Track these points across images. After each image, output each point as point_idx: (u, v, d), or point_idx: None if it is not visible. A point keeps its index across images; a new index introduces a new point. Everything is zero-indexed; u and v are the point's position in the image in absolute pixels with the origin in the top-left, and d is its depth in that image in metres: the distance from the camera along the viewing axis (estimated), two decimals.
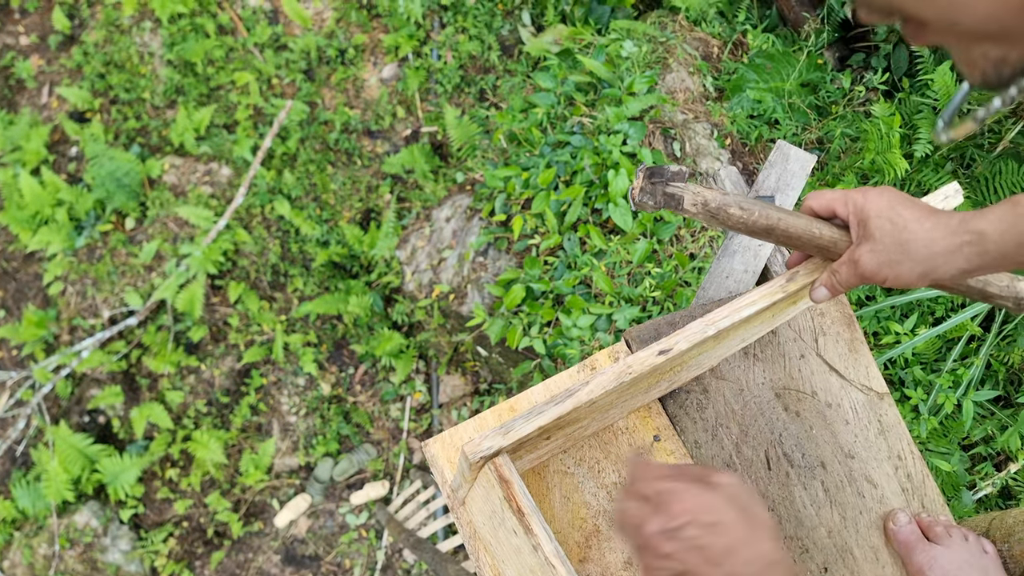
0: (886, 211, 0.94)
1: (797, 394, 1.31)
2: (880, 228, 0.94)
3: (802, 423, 1.30)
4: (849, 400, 1.32)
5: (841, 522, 1.26)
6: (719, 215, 1.05)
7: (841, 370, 1.32)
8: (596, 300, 2.90)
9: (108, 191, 3.93)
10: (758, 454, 1.28)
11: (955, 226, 0.89)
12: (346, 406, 4.02)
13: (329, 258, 4.00)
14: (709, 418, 1.29)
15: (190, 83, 4.22)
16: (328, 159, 4.20)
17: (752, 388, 1.30)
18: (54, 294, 4.00)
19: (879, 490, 1.28)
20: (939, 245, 0.90)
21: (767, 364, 1.32)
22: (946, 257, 0.90)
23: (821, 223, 1.04)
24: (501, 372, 3.53)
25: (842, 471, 1.28)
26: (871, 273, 0.95)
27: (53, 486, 3.64)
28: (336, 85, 4.29)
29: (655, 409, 1.30)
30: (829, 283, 1.03)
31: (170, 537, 3.84)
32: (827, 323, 1.35)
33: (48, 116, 4.31)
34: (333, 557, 3.84)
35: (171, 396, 3.87)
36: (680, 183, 1.05)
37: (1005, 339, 2.62)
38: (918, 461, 1.30)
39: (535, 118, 3.26)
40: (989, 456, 2.60)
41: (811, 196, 1.05)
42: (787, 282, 1.09)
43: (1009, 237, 0.87)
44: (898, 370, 2.64)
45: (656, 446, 1.28)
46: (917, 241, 0.91)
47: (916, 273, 0.92)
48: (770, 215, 1.04)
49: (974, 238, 0.88)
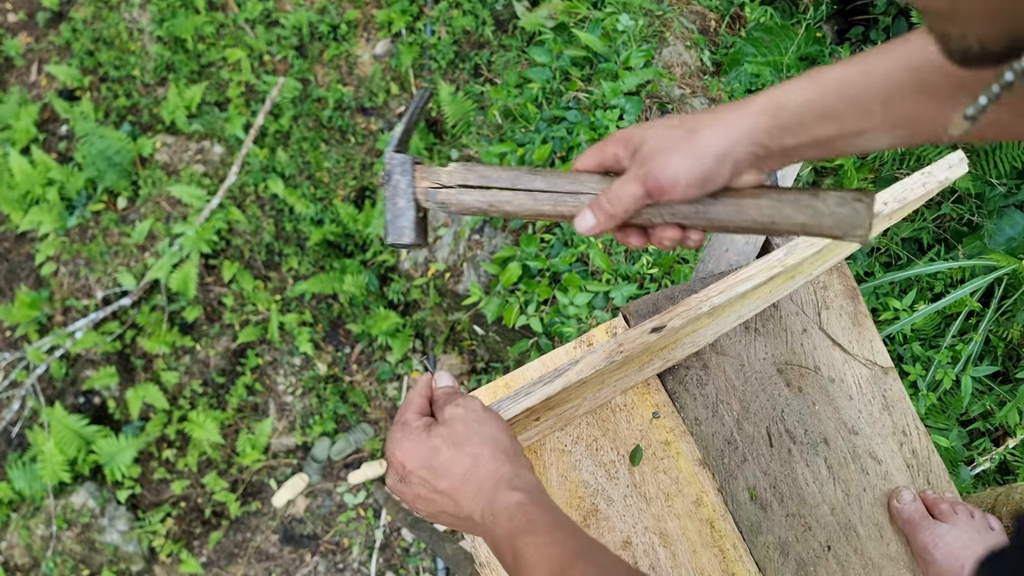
0: (668, 119, 0.86)
1: (799, 369, 1.28)
2: (665, 134, 0.84)
3: (805, 399, 1.28)
4: (853, 375, 1.29)
5: (844, 499, 1.24)
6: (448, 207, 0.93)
7: (845, 344, 1.30)
8: (593, 278, 2.88)
9: (99, 170, 3.89)
10: (760, 430, 1.26)
11: (749, 101, 0.82)
12: (343, 386, 4.00)
13: (324, 237, 3.96)
14: (709, 394, 1.27)
15: (181, 60, 4.16)
16: (322, 137, 4.16)
17: (753, 363, 1.28)
18: (47, 275, 3.96)
19: (883, 466, 1.26)
20: (734, 118, 0.81)
21: (769, 339, 1.29)
22: (742, 131, 0.80)
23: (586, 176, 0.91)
24: (498, 351, 3.50)
25: (845, 447, 1.26)
26: (658, 172, 0.82)
27: (49, 467, 3.62)
28: (329, 62, 4.24)
29: (654, 385, 1.28)
30: (598, 202, 0.88)
31: (168, 517, 3.83)
32: (830, 296, 1.33)
33: (37, 94, 4.26)
34: (331, 536, 3.84)
35: (166, 377, 3.85)
36: (400, 170, 0.94)
37: (1004, 314, 2.61)
38: (923, 437, 1.29)
39: (530, 93, 3.21)
40: (987, 431, 2.59)
41: (580, 157, 0.93)
42: (785, 256, 1.06)
43: (807, 109, 0.79)
44: (896, 346, 2.62)
45: (655, 423, 1.26)
46: (706, 123, 0.82)
47: (711, 154, 0.81)
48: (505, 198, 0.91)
49: (772, 107, 0.80)
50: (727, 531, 1.22)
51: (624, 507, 1.21)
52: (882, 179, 2.94)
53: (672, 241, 0.89)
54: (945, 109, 0.74)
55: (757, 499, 1.23)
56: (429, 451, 0.86)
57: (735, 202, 0.85)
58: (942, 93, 0.74)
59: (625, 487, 1.22)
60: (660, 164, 0.82)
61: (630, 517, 1.20)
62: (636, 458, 1.24)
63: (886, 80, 0.76)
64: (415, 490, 0.87)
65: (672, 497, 1.23)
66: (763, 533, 1.22)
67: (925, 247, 2.86)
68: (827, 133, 0.79)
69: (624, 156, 0.87)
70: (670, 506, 1.22)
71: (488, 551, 1.17)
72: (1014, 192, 2.75)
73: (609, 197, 0.86)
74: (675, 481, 1.23)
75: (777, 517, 1.23)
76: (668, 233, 0.88)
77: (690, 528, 1.21)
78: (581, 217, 0.89)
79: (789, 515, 1.23)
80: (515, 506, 0.79)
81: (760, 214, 0.85)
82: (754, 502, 1.23)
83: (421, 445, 0.87)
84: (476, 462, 0.85)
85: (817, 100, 0.79)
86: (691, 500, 1.23)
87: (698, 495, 1.23)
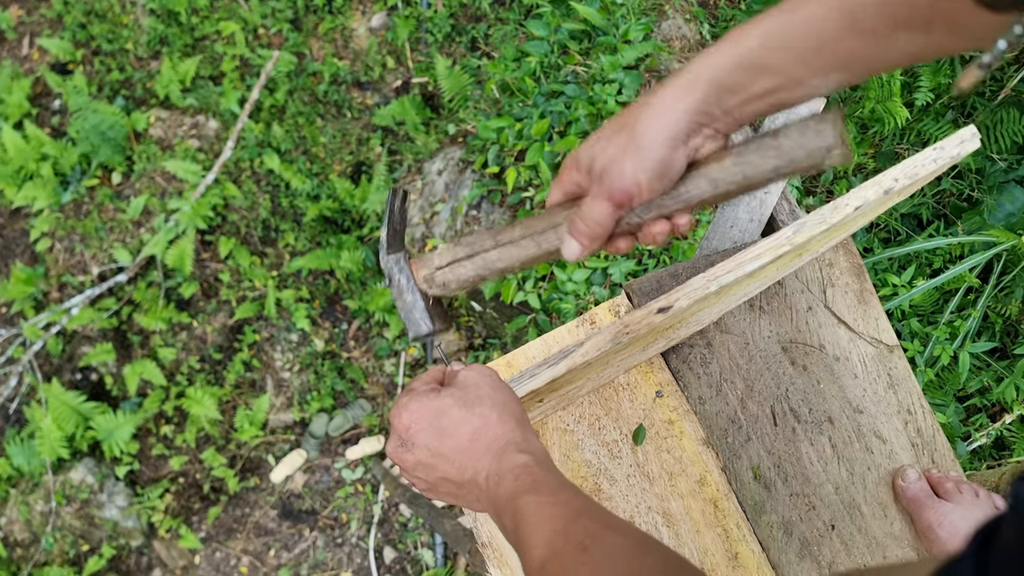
0: (605, 127, 0.86)
1: (804, 347, 1.28)
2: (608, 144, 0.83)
3: (809, 377, 1.27)
4: (858, 353, 1.29)
5: (849, 478, 1.24)
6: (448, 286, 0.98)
7: (850, 322, 1.29)
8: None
9: (93, 145, 3.85)
10: (764, 409, 1.25)
11: (677, 75, 0.81)
12: (340, 362, 3.99)
13: (320, 212, 3.94)
14: (713, 373, 1.26)
15: (174, 33, 4.11)
16: (317, 111, 4.12)
17: (758, 342, 1.27)
18: (42, 251, 3.94)
19: (888, 445, 1.26)
20: (665, 99, 0.80)
21: (773, 317, 1.28)
22: (677, 108, 0.80)
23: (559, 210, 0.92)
24: (495, 327, 3.50)
25: (850, 426, 1.26)
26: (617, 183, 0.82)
27: (47, 443, 3.62)
28: (324, 35, 4.19)
29: (657, 364, 1.27)
30: (575, 227, 0.87)
31: (166, 493, 3.84)
32: (835, 274, 1.32)
33: (30, 68, 4.20)
34: (330, 511, 3.85)
35: (163, 353, 3.84)
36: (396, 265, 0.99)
37: (1003, 290, 2.61)
38: (928, 415, 1.28)
39: (528, 67, 3.18)
40: (984, 407, 2.60)
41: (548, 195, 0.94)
42: (794, 234, 1.05)
43: (740, 68, 0.78)
44: (895, 322, 2.62)
45: (658, 402, 1.25)
46: (640, 117, 0.81)
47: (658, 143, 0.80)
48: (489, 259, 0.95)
49: (704, 75, 0.79)
50: (731, 510, 1.22)
51: (627, 487, 1.21)
52: (882, 154, 2.92)
53: (663, 235, 0.88)
54: (881, 47, 0.73)
55: (761, 478, 1.23)
56: (436, 412, 0.85)
57: (702, 174, 0.85)
58: (879, 32, 0.72)
59: (628, 467, 1.22)
60: (616, 175, 0.82)
61: (633, 497, 1.20)
62: (639, 437, 1.23)
63: (817, 25, 0.74)
64: (417, 455, 0.85)
65: (675, 476, 1.22)
66: (767, 512, 1.22)
67: (924, 223, 2.85)
68: (765, 86, 0.78)
69: (582, 180, 0.87)
70: (673, 485, 1.22)
71: (490, 531, 1.16)
72: (1014, 167, 2.74)
73: (585, 220, 0.86)
74: (678, 460, 1.23)
75: (781, 496, 1.23)
76: (656, 228, 0.87)
77: (693, 508, 1.21)
78: (566, 246, 0.89)
79: (793, 494, 1.23)
80: (521, 467, 0.79)
81: (731, 175, 0.84)
82: (758, 481, 1.23)
83: (428, 406, 0.86)
84: (486, 423, 0.84)
85: (746, 56, 0.77)
86: (694, 479, 1.23)
87: (701, 474, 1.23)
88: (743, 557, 1.20)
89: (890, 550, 1.22)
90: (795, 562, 1.20)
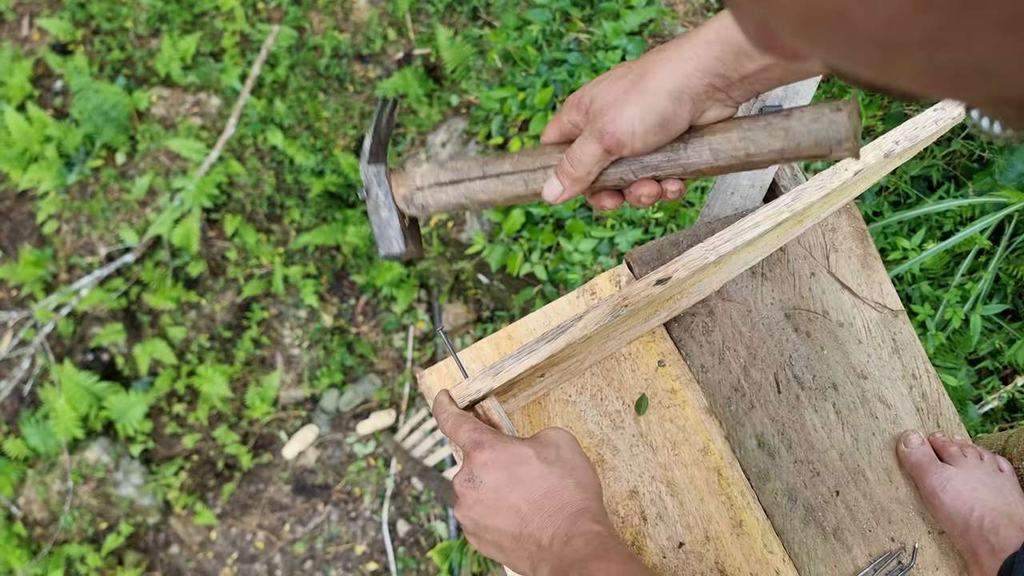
0: (615, 69, 0.82)
1: (808, 314, 1.26)
2: (613, 86, 0.79)
3: (813, 344, 1.26)
4: (862, 318, 1.27)
5: (853, 444, 1.23)
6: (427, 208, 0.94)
7: (853, 287, 1.28)
8: (597, 223, 2.85)
9: (96, 125, 3.84)
10: (767, 377, 1.24)
11: (698, 30, 0.78)
12: (349, 337, 4.00)
13: (325, 188, 3.93)
14: (716, 341, 1.25)
15: (173, 10, 4.08)
16: (319, 86, 4.09)
17: (760, 309, 1.26)
18: (49, 233, 3.95)
19: (893, 410, 1.24)
20: (683, 51, 0.77)
21: (776, 283, 1.27)
22: (693, 62, 0.76)
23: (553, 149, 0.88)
24: (503, 299, 3.49)
25: (854, 392, 1.24)
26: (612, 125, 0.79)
27: (62, 424, 3.66)
28: (324, 8, 4.15)
29: (659, 334, 1.26)
30: (560, 167, 0.85)
31: (181, 471, 3.87)
32: (839, 238, 1.30)
33: (30, 49, 4.19)
34: (343, 486, 3.88)
35: (173, 332, 3.85)
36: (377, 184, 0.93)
37: (1014, 252, 2.57)
38: (933, 380, 1.27)
39: (530, 36, 3.14)
40: (996, 370, 2.57)
41: (544, 131, 0.90)
42: (793, 201, 1.03)
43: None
44: (905, 286, 2.60)
45: (661, 372, 1.24)
46: (654, 64, 0.77)
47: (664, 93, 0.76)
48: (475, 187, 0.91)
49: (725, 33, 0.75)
50: (735, 479, 1.21)
51: (630, 456, 1.20)
52: (891, 116, 2.88)
53: (649, 197, 0.85)
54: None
55: (765, 446, 1.22)
56: (516, 458, 0.82)
57: (704, 140, 0.81)
58: None
59: (631, 436, 1.21)
60: (612, 117, 0.79)
61: (636, 466, 1.20)
62: (642, 407, 1.23)
63: None
64: (480, 494, 0.82)
65: (679, 445, 1.22)
66: (771, 480, 1.21)
67: (934, 185, 2.81)
68: None
69: (579, 119, 0.84)
70: (677, 455, 1.21)
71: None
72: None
73: (571, 159, 0.83)
74: (681, 429, 1.22)
75: (785, 463, 1.22)
76: (644, 189, 0.84)
77: (697, 476, 1.21)
78: (547, 185, 0.86)
79: (797, 461, 1.22)
80: (594, 535, 0.77)
81: (733, 148, 0.80)
82: (762, 449, 1.22)
83: (511, 450, 0.83)
84: (563, 484, 0.81)
85: None
86: (698, 448, 1.22)
87: (705, 443, 1.22)
88: (747, 525, 1.19)
89: (895, 515, 1.21)
90: (800, 528, 1.20)
